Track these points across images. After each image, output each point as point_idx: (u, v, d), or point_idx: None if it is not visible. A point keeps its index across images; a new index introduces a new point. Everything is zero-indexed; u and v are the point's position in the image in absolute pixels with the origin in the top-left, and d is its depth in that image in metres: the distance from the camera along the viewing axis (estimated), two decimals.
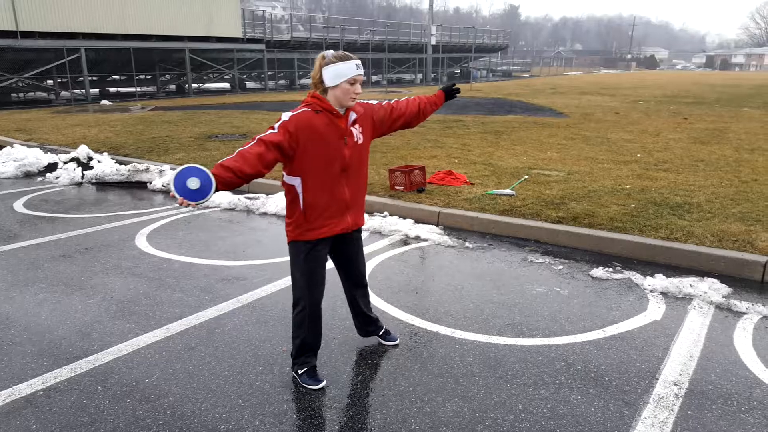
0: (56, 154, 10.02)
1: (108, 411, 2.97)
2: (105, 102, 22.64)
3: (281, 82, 37.17)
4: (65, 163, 9.41)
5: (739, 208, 6.27)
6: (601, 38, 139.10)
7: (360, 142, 3.10)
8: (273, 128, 2.90)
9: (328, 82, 2.92)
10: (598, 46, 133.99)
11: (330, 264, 3.32)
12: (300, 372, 3.24)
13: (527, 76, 60.48)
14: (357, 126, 3.09)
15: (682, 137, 11.94)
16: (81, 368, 3.38)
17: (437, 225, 6.27)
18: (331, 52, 2.98)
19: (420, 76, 44.69)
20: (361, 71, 2.98)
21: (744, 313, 4.13)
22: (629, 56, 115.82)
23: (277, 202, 6.92)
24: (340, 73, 2.90)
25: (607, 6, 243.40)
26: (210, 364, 3.43)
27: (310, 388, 3.19)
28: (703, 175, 8.08)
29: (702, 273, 4.83)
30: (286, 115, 2.93)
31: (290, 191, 3.05)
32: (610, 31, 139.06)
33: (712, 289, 4.46)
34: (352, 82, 2.93)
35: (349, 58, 2.94)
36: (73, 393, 3.13)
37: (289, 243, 3.14)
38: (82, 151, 9.90)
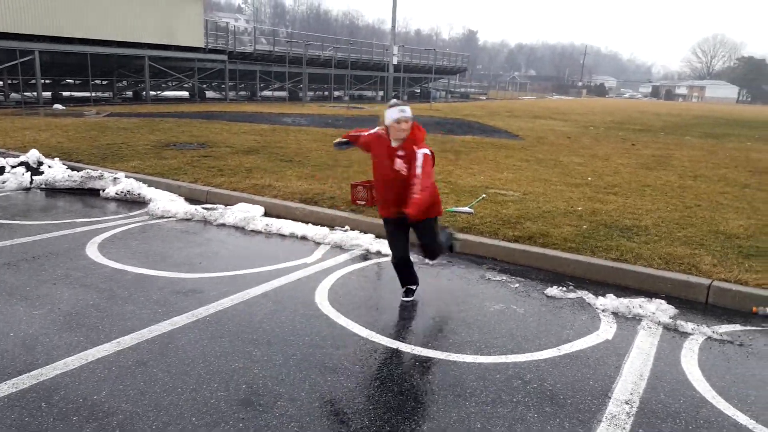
0: (4, 157, 9.59)
1: (53, 429, 2.85)
2: (58, 106, 21.94)
3: (242, 93, 36.84)
4: (13, 167, 9.02)
5: (684, 232, 6.53)
6: (554, 65, 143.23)
7: (402, 172, 4.19)
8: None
9: (386, 121, 4.25)
10: (551, 72, 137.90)
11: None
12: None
13: (484, 98, 61.69)
14: (401, 161, 4.20)
15: (630, 162, 12.36)
16: (24, 383, 3.22)
17: None
18: (393, 101, 4.29)
19: (381, 93, 45.04)
20: (404, 115, 4.17)
21: (690, 334, 4.28)
22: (580, 83, 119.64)
23: (236, 214, 6.82)
24: (390, 116, 4.21)
25: (560, 35, 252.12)
26: (162, 380, 3.33)
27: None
28: (650, 199, 8.38)
29: (650, 294, 4.99)
30: (373, 129, 4.50)
31: None
32: (563, 59, 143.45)
33: (660, 309, 4.62)
34: (397, 122, 4.17)
35: (395, 105, 4.23)
36: (14, 410, 2.99)
37: None
38: (33, 155, 9.53)
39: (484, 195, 7.98)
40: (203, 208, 7.13)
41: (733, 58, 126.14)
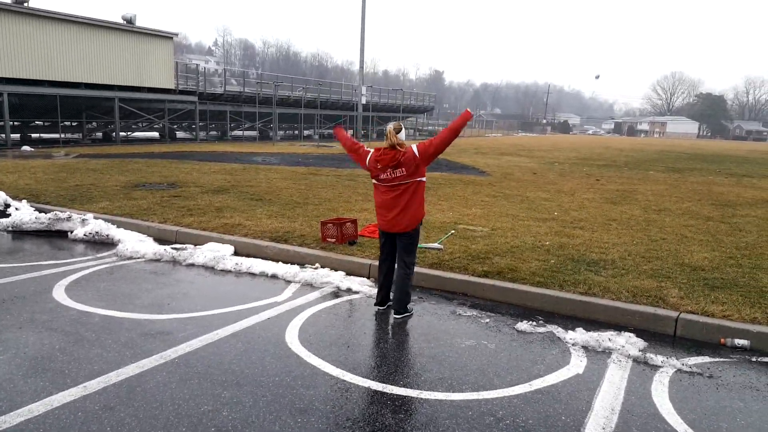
0: None
1: None
2: (26, 148, 21.61)
3: (213, 133, 36.84)
4: None
5: (650, 265, 6.67)
6: (518, 103, 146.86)
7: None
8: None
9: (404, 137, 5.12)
10: (516, 110, 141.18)
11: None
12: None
13: None
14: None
15: (596, 197, 12.65)
16: None
17: (368, 277, 6.31)
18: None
19: (351, 132, 45.51)
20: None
21: (660, 367, 4.34)
22: (544, 121, 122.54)
23: (205, 253, 6.76)
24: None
25: (523, 74, 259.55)
26: (129, 425, 3.25)
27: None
28: (616, 233, 8.56)
29: (619, 327, 5.07)
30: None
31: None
32: (527, 97, 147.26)
33: (629, 343, 4.68)
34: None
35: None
36: None
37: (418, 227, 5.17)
38: None
39: (453, 231, 8.08)
40: (172, 248, 7.06)
41: (692, 95, 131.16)
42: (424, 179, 5.12)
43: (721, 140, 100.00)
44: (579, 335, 4.79)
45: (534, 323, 5.09)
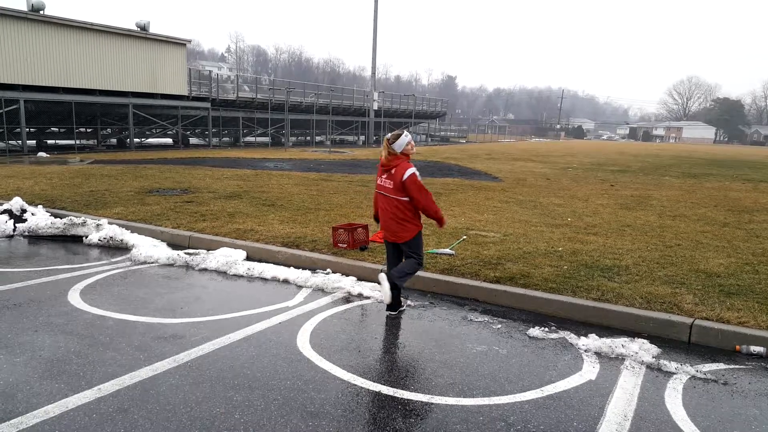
0: None
1: None
2: (42, 154, 21.93)
3: (225, 139, 37.12)
4: None
5: (665, 271, 6.62)
6: (532, 109, 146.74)
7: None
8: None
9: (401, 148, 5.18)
10: (530, 115, 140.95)
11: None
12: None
13: (464, 141, 62.83)
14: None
15: (610, 203, 12.56)
16: None
17: (379, 283, 6.30)
18: (396, 132, 5.23)
19: (363, 138, 45.64)
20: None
21: (673, 373, 4.30)
22: (558, 126, 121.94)
23: (218, 258, 6.81)
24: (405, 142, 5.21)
25: (537, 79, 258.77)
26: (143, 426, 3.29)
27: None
28: (630, 239, 8.49)
29: (633, 333, 5.04)
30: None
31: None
32: (540, 103, 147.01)
33: (643, 349, 4.65)
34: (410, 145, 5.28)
35: (401, 134, 5.23)
36: None
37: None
38: (16, 203, 9.48)
39: (464, 236, 8.07)
40: (185, 253, 7.12)
41: (709, 100, 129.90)
42: (406, 200, 5.16)
43: (738, 145, 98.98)
44: (592, 341, 4.76)
45: (546, 329, 5.07)
